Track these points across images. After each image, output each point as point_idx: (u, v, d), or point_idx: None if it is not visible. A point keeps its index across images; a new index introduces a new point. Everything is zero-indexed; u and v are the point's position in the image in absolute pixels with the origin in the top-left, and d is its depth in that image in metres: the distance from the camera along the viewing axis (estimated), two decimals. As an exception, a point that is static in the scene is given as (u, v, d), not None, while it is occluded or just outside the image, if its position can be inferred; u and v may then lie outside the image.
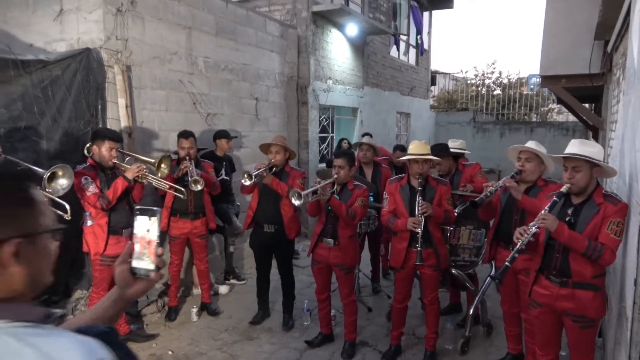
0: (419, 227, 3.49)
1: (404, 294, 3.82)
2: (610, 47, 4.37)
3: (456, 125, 14.82)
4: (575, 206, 2.71)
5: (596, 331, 2.76)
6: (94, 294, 3.69)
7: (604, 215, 2.56)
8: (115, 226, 3.68)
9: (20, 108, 3.78)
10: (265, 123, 6.88)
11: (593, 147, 2.66)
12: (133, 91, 4.66)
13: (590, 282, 2.61)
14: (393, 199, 3.74)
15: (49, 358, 0.77)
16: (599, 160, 2.62)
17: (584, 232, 2.60)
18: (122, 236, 3.71)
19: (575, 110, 6.50)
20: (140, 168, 3.66)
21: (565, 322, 2.74)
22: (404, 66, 12.27)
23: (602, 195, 2.62)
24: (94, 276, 3.69)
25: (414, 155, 3.55)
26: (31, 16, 4.63)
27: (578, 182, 2.63)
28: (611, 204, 2.57)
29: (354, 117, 9.75)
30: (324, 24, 8.11)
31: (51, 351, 0.78)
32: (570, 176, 2.65)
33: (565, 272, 2.69)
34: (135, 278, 1.13)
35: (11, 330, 0.80)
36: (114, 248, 3.64)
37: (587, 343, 2.72)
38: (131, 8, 4.57)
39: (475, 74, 18.62)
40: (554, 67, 5.43)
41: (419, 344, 4.04)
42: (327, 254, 3.83)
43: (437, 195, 3.62)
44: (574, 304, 2.66)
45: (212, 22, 5.69)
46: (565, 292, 2.69)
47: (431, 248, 3.62)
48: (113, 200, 3.57)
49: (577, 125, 12.59)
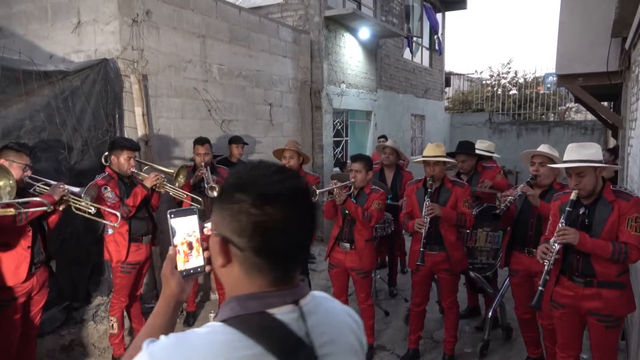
0: (423, 228, 3.49)
1: (421, 297, 3.80)
2: (628, 44, 4.30)
3: (472, 127, 14.68)
4: (587, 206, 2.68)
5: (620, 331, 2.72)
6: (114, 300, 3.75)
7: (619, 213, 2.54)
8: (136, 234, 3.73)
9: (43, 119, 3.88)
10: (279, 128, 6.92)
11: (591, 149, 2.65)
12: (149, 100, 4.74)
13: (615, 280, 2.59)
14: (410, 201, 3.75)
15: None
16: (601, 162, 2.62)
17: (603, 233, 2.57)
18: (142, 243, 3.77)
19: (593, 109, 6.40)
20: (159, 177, 3.71)
21: (590, 323, 2.70)
22: (418, 68, 12.22)
23: (613, 192, 2.61)
24: (115, 283, 3.76)
25: (425, 158, 3.57)
26: (50, 28, 4.75)
27: (585, 187, 2.62)
28: (624, 200, 2.55)
29: (367, 121, 9.75)
30: (336, 29, 8.14)
31: None
32: (576, 182, 2.64)
33: (588, 273, 2.65)
34: (187, 279, 1.11)
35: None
36: (134, 255, 3.70)
37: (611, 344, 2.68)
38: (146, 18, 4.65)
39: (491, 74, 18.43)
40: (570, 65, 5.36)
41: (437, 348, 4.01)
42: (343, 258, 3.84)
43: (452, 198, 3.60)
44: (600, 304, 2.62)
45: (225, 29, 5.76)
46: (590, 292, 2.65)
47: (444, 251, 3.60)
48: (133, 208, 3.62)
49: (595, 124, 12.36)
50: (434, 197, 3.60)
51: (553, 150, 3.31)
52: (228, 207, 0.89)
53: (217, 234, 0.92)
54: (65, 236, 3.96)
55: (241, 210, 0.87)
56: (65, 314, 4.09)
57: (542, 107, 16.29)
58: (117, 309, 3.71)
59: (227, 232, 0.90)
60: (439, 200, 3.61)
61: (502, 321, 4.28)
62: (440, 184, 3.65)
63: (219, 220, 0.92)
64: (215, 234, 0.93)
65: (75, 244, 4.04)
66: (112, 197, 3.53)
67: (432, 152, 3.59)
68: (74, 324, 4.06)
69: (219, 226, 0.92)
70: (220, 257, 0.92)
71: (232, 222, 0.89)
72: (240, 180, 0.91)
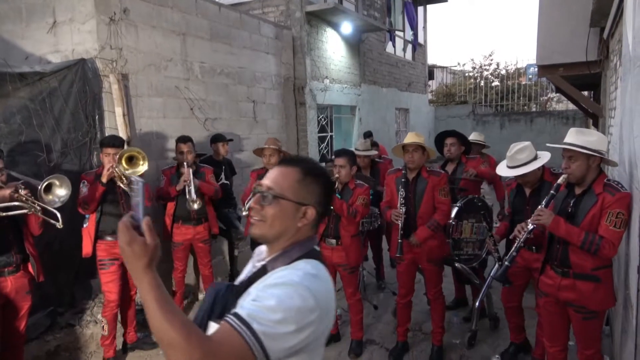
0: (400, 219, 3.52)
1: (406, 289, 3.82)
2: (606, 34, 4.36)
3: (456, 119, 14.81)
4: (576, 197, 2.68)
5: (601, 323, 2.73)
6: (105, 300, 3.76)
7: (602, 206, 2.51)
8: (105, 230, 3.69)
9: (19, 121, 3.79)
10: (263, 125, 6.88)
11: (591, 136, 2.60)
12: (130, 99, 4.67)
13: (591, 273, 2.58)
14: (389, 190, 3.77)
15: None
16: (593, 150, 2.54)
17: (583, 223, 2.57)
18: (117, 241, 3.69)
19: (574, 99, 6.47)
20: (109, 168, 3.57)
21: (570, 313, 2.74)
22: (401, 62, 12.25)
23: (602, 185, 2.55)
24: (101, 282, 3.78)
25: (405, 143, 3.59)
26: (25, 29, 4.64)
27: (574, 172, 2.59)
28: (609, 194, 2.50)
29: (352, 116, 9.75)
30: (318, 24, 8.11)
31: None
32: (565, 166, 2.62)
33: (565, 263, 2.68)
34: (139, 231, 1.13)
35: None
36: (108, 251, 3.68)
37: (592, 334, 2.70)
38: (124, 17, 4.57)
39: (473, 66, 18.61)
40: (551, 56, 5.41)
41: (426, 340, 4.03)
42: (330, 254, 3.83)
43: (429, 187, 3.60)
44: (575, 295, 2.64)
45: (206, 27, 5.69)
46: (566, 282, 2.68)
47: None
48: (90, 203, 3.55)
49: (577, 114, 12.56)
50: (410, 186, 3.62)
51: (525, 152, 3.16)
52: (315, 185, 1.34)
53: (303, 203, 1.32)
54: (48, 240, 3.88)
55: (322, 187, 1.36)
56: (50, 319, 4.02)
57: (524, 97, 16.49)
58: (108, 309, 3.68)
59: (313, 202, 1.33)
60: (416, 189, 3.62)
61: (489, 311, 4.33)
62: (417, 174, 3.66)
63: (305, 194, 1.32)
64: (300, 203, 1.31)
65: (59, 248, 3.97)
66: (84, 191, 3.58)
67: (412, 139, 3.60)
68: (59, 329, 4.00)
69: (305, 198, 1.32)
70: (299, 219, 1.32)
71: (318, 195, 1.35)
72: (317, 169, 1.39)
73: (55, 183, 2.97)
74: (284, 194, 1.30)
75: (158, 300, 1.05)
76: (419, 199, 3.62)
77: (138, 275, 1.08)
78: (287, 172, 1.33)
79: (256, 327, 1.06)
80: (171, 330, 1.02)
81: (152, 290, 1.06)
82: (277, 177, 1.33)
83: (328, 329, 1.29)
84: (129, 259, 1.08)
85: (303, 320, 1.12)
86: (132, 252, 1.08)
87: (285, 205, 1.30)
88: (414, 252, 3.66)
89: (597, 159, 2.57)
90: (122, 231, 1.10)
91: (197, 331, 1.06)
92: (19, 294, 3.07)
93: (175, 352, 1.02)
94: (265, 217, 1.30)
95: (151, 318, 1.05)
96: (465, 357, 3.83)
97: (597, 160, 2.58)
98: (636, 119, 2.43)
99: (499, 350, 3.82)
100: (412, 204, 3.61)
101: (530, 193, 3.31)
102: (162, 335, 1.03)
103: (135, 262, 1.08)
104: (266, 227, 1.30)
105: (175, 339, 1.01)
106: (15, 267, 3.05)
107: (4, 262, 2.99)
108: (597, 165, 2.59)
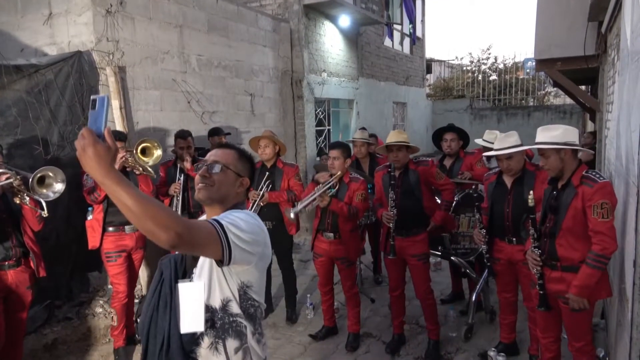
0: (391, 222, 3.54)
1: (396, 281, 3.82)
2: (604, 28, 4.35)
3: (453, 113, 14.79)
4: (558, 191, 2.70)
5: (590, 315, 2.73)
6: (113, 293, 3.78)
7: (582, 199, 2.53)
8: (113, 222, 3.69)
9: (15, 114, 3.77)
10: (261, 119, 6.86)
11: (556, 131, 2.66)
12: (127, 92, 4.65)
13: (578, 265, 2.59)
14: (379, 187, 3.77)
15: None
16: (561, 143, 2.59)
17: (567, 218, 2.60)
18: (126, 233, 3.72)
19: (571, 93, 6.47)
20: (124, 156, 3.59)
21: (560, 305, 2.75)
22: (399, 55, 12.22)
23: (580, 178, 2.59)
24: (109, 275, 3.81)
25: (388, 143, 3.59)
26: (20, 20, 4.61)
27: (551, 167, 2.65)
28: (588, 186, 2.52)
29: (350, 109, 9.74)
30: (316, 17, 8.07)
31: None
32: (542, 163, 2.70)
33: (553, 256, 2.70)
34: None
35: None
36: (115, 243, 3.69)
37: (581, 326, 2.71)
38: (120, 9, 4.54)
39: (471, 60, 18.55)
40: (548, 50, 5.40)
41: (423, 333, 4.05)
42: (327, 247, 3.84)
43: (422, 178, 3.63)
44: (564, 287, 2.66)
45: (203, 19, 5.66)
46: (555, 275, 2.70)
47: (409, 236, 3.64)
48: (101, 194, 3.56)
49: (574, 108, 12.56)
50: (398, 182, 3.62)
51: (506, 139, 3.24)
52: (247, 164, 1.77)
53: (240, 175, 1.71)
54: (45, 234, 3.88)
55: (251, 166, 1.81)
56: (47, 312, 4.02)
57: (521, 92, 16.47)
58: (117, 300, 3.72)
59: (247, 175, 1.74)
60: (403, 185, 3.63)
61: (485, 304, 4.35)
62: (405, 169, 3.66)
63: (241, 168, 1.72)
64: (238, 174, 1.70)
65: (56, 241, 3.97)
66: (89, 183, 3.58)
67: (395, 138, 3.59)
68: (57, 323, 4.00)
69: (242, 171, 1.72)
70: (237, 187, 1.70)
71: (248, 171, 1.77)
72: (247, 153, 1.80)
73: (49, 175, 2.94)
74: (229, 166, 1.67)
75: (128, 191, 1.19)
76: (410, 192, 3.63)
77: (104, 173, 1.17)
78: (228, 152, 1.72)
79: (224, 222, 1.43)
80: (152, 208, 1.20)
81: (120, 183, 1.19)
82: (221, 155, 1.70)
83: (268, 259, 1.68)
84: (93, 160, 1.16)
85: (255, 232, 1.51)
86: (95, 153, 1.16)
87: (229, 174, 1.67)
88: (401, 246, 3.66)
89: (567, 150, 2.61)
90: (86, 135, 1.17)
91: (175, 212, 1.39)
92: (19, 288, 3.06)
93: (158, 228, 1.19)
94: (214, 182, 1.63)
95: (129, 208, 1.19)
96: (462, 350, 3.85)
97: (567, 152, 2.62)
98: (634, 113, 2.43)
99: (495, 343, 3.84)
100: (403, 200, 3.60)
101: (513, 182, 3.32)
102: (144, 215, 1.19)
103: (99, 161, 1.17)
104: (214, 191, 1.63)
105: (158, 214, 1.20)
106: (16, 261, 3.04)
107: (3, 255, 2.98)
108: (570, 156, 2.63)
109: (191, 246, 1.33)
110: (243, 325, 1.58)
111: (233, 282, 1.54)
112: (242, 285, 1.56)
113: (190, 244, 1.31)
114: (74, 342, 3.93)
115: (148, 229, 1.21)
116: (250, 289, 1.58)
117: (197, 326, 1.50)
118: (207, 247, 1.37)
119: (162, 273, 1.62)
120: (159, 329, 1.54)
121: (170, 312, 1.53)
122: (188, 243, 1.29)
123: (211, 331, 1.54)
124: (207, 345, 1.54)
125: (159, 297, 1.58)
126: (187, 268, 1.59)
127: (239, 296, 1.56)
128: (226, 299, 1.55)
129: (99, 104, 1.26)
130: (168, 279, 1.58)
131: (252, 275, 1.57)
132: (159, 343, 1.52)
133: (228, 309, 1.55)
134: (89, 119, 1.25)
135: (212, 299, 1.54)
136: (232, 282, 1.54)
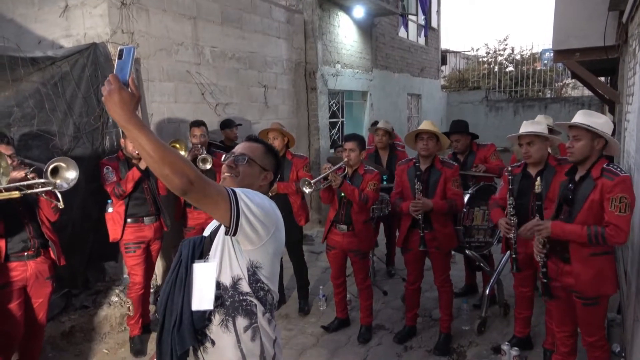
0: (420, 213, 3.52)
1: (415, 275, 3.83)
2: (626, 18, 4.24)
3: (469, 105, 14.62)
4: (575, 182, 2.64)
5: (603, 310, 2.69)
6: (130, 283, 3.88)
7: (601, 191, 2.47)
8: (136, 214, 3.80)
9: (32, 105, 3.82)
10: (274, 111, 6.86)
11: (598, 118, 2.57)
12: (142, 84, 4.67)
13: (589, 259, 2.56)
14: (400, 181, 3.74)
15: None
16: (600, 130, 2.51)
17: (583, 210, 2.54)
18: (145, 224, 3.83)
19: (590, 84, 6.35)
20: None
21: (573, 299, 2.72)
22: (414, 47, 12.08)
23: (600, 170, 2.52)
24: (127, 265, 3.91)
25: (420, 130, 3.57)
26: (37, 13, 4.65)
27: (576, 152, 2.57)
28: (608, 179, 2.46)
29: (363, 101, 9.67)
30: (330, 8, 8.00)
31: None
32: (569, 145, 2.60)
33: (565, 249, 2.66)
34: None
35: None
36: (135, 235, 3.79)
37: (594, 320, 2.67)
38: (135, 1, 4.55)
39: (487, 51, 18.26)
40: (567, 40, 5.29)
41: (435, 326, 4.04)
42: (341, 239, 3.84)
43: (442, 179, 3.58)
44: (574, 281, 2.63)
45: (217, 11, 5.65)
46: (568, 268, 2.66)
47: (432, 230, 3.62)
48: (127, 189, 3.66)
49: (592, 100, 12.30)
50: (424, 176, 3.59)
51: (536, 125, 3.21)
52: (273, 159, 1.85)
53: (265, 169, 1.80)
54: (61, 223, 3.94)
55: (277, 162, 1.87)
56: (65, 300, 4.10)
57: (538, 83, 16.19)
58: (134, 291, 3.81)
59: (271, 169, 1.82)
60: (429, 180, 3.60)
61: (499, 298, 4.32)
62: (431, 164, 3.63)
63: (267, 163, 1.80)
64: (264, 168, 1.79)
65: (72, 231, 4.03)
66: (111, 177, 3.69)
67: (428, 126, 3.59)
68: (74, 311, 4.08)
69: (267, 165, 1.80)
70: (261, 180, 1.78)
71: (274, 166, 1.85)
72: (274, 149, 1.88)
73: (62, 166, 2.98)
74: (255, 159, 1.74)
75: (149, 137, 1.27)
76: (432, 190, 3.60)
77: (126, 118, 1.25)
78: (255, 146, 1.79)
79: (237, 190, 1.49)
80: (170, 155, 1.29)
81: (142, 129, 1.27)
82: (248, 148, 1.78)
83: (281, 245, 1.73)
84: (117, 105, 1.24)
85: (266, 211, 1.58)
86: (120, 99, 1.24)
87: (255, 167, 1.74)
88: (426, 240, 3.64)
89: (601, 141, 2.54)
90: (112, 81, 1.25)
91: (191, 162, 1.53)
92: (39, 279, 3.10)
93: (174, 173, 1.28)
94: (239, 173, 1.70)
95: (148, 153, 1.27)
96: (475, 344, 3.84)
97: (601, 143, 2.55)
98: (655, 105, 2.37)
99: (508, 337, 3.82)
100: (425, 195, 3.57)
101: (536, 175, 3.25)
102: (162, 160, 1.27)
103: (123, 107, 1.25)
104: (238, 181, 1.69)
105: (175, 161, 1.29)
106: (35, 251, 3.07)
107: (22, 246, 3.02)
108: (600, 148, 2.56)
109: (202, 196, 1.38)
110: (253, 304, 1.63)
111: (243, 259, 1.60)
112: (252, 265, 1.61)
113: (200, 194, 1.37)
114: (90, 330, 4.01)
115: (164, 174, 1.29)
116: (260, 270, 1.62)
117: (207, 304, 1.57)
118: (216, 204, 1.42)
119: (181, 253, 1.69)
120: (174, 306, 1.61)
121: (184, 290, 1.61)
122: (199, 192, 1.35)
123: (221, 309, 1.61)
124: (217, 322, 1.62)
125: (176, 276, 1.65)
126: (204, 250, 1.67)
127: (247, 276, 1.61)
128: (236, 277, 1.61)
129: (126, 53, 1.31)
130: (185, 259, 1.65)
131: (261, 256, 1.61)
132: (173, 320, 1.60)
133: (238, 287, 1.61)
134: (115, 68, 1.31)
135: (223, 276, 1.61)
136: (242, 260, 1.60)
